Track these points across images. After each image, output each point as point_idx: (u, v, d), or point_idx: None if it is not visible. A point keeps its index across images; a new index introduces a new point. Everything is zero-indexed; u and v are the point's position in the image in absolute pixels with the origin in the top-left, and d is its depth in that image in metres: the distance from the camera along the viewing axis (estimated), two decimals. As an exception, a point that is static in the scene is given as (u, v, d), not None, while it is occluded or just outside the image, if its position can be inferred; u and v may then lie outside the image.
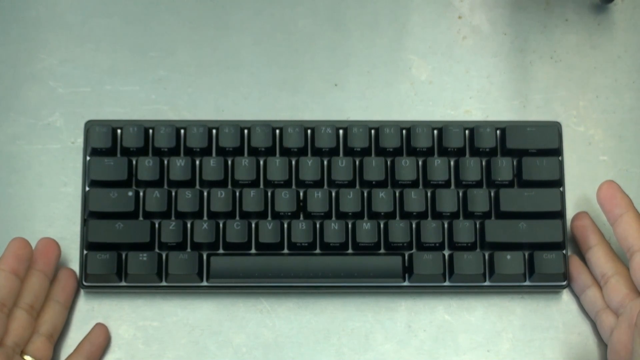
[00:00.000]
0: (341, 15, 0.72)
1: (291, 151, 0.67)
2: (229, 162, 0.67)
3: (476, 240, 0.66)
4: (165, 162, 0.66)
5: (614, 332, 0.63)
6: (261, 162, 0.67)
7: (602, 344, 0.66)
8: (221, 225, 0.65)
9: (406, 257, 0.66)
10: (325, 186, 0.67)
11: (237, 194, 0.66)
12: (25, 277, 0.63)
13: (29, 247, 0.63)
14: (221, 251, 0.66)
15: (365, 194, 0.66)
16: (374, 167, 0.66)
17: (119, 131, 0.67)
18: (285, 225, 0.66)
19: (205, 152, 0.67)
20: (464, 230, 0.65)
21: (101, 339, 0.65)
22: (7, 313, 0.60)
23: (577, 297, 0.67)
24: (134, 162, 0.66)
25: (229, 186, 0.66)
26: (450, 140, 0.67)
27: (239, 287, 0.66)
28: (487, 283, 0.66)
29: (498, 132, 0.68)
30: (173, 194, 0.66)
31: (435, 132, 0.67)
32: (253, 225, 0.66)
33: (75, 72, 0.70)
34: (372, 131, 0.67)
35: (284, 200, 0.65)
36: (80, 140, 0.69)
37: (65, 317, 0.65)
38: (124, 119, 0.69)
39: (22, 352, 0.62)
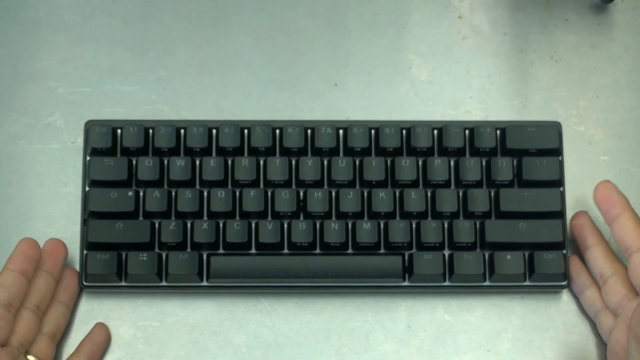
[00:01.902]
0: (341, 15, 0.72)
1: (291, 151, 0.67)
2: (229, 162, 0.67)
3: (476, 240, 0.66)
4: (165, 162, 0.66)
5: (613, 333, 0.63)
6: (261, 162, 0.67)
7: (602, 344, 0.66)
8: (221, 225, 0.65)
9: (406, 257, 0.66)
10: (325, 186, 0.67)
11: (237, 194, 0.66)
12: (33, 277, 0.63)
13: (37, 248, 0.63)
14: (221, 251, 0.66)
15: (365, 194, 0.66)
16: (374, 167, 0.66)
17: (119, 131, 0.67)
18: (285, 225, 0.66)
19: (205, 152, 0.67)
20: (464, 230, 0.65)
21: (102, 338, 0.65)
22: (14, 313, 0.61)
23: (577, 297, 0.67)
24: (134, 162, 0.66)
25: (229, 186, 0.66)
26: (450, 140, 0.67)
27: (239, 287, 0.66)
28: (487, 283, 0.66)
29: (498, 132, 0.68)
30: (173, 194, 0.66)
31: (435, 132, 0.67)
32: (253, 225, 0.66)
33: (75, 72, 0.70)
34: (372, 131, 0.67)
35: (284, 200, 0.65)
36: (80, 140, 0.69)
37: (68, 317, 0.65)
38: (124, 119, 0.69)
39: (26, 352, 0.62)
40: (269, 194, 0.66)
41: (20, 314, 0.61)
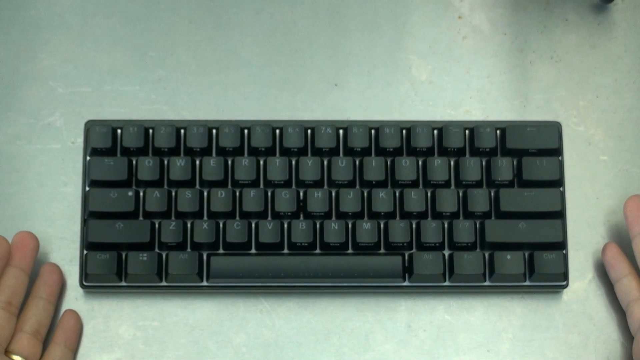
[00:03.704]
0: (341, 15, 0.72)
1: (291, 151, 0.67)
2: (229, 162, 0.67)
3: (476, 240, 0.66)
4: (165, 162, 0.66)
5: None
6: (261, 162, 0.67)
7: (602, 344, 0.66)
8: (221, 225, 0.65)
9: (406, 257, 0.66)
10: (325, 186, 0.67)
11: (237, 194, 0.66)
12: (0, 274, 0.62)
13: (4, 245, 0.62)
14: (221, 251, 0.66)
15: (365, 194, 0.66)
16: (374, 167, 0.66)
17: (119, 131, 0.67)
18: (285, 225, 0.66)
19: (205, 152, 0.67)
20: (464, 230, 0.65)
21: (72, 323, 0.65)
22: None
23: (577, 298, 0.67)
24: (134, 162, 0.66)
25: (229, 186, 0.66)
26: (450, 140, 0.67)
27: (239, 287, 0.66)
28: (487, 283, 0.66)
29: (498, 132, 0.68)
30: (173, 194, 0.66)
31: (435, 132, 0.67)
32: (253, 225, 0.66)
33: (75, 72, 0.70)
34: (372, 131, 0.67)
35: (284, 200, 0.65)
36: (80, 140, 0.69)
37: (51, 313, 0.65)
38: (124, 119, 0.69)
39: (8, 351, 0.61)
40: (269, 194, 0.66)
41: None
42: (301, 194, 0.66)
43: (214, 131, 0.67)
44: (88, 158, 0.66)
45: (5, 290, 0.62)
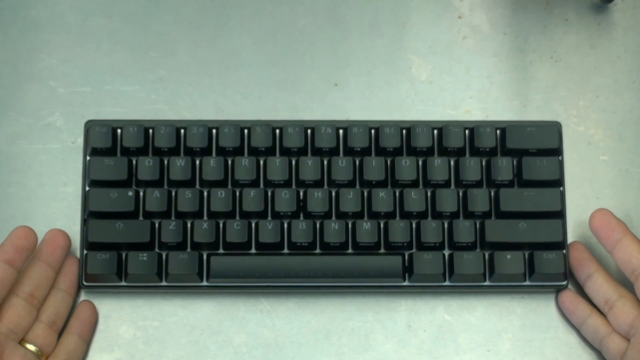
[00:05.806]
0: (341, 15, 0.72)
1: (291, 151, 0.67)
2: (229, 162, 0.67)
3: (476, 240, 0.66)
4: (165, 162, 0.66)
5: (627, 354, 0.62)
6: (261, 162, 0.67)
7: (602, 344, 0.66)
8: (221, 225, 0.65)
9: (406, 257, 0.66)
10: (325, 186, 0.67)
11: (237, 193, 0.66)
12: (27, 266, 0.62)
13: (31, 237, 0.62)
14: (221, 251, 0.66)
15: (365, 194, 0.66)
16: (374, 167, 0.66)
17: (119, 131, 0.67)
18: (285, 225, 0.66)
19: (205, 152, 0.67)
20: (464, 230, 0.65)
21: (87, 314, 0.65)
22: None
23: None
24: (134, 162, 0.66)
25: (229, 186, 0.66)
26: (450, 140, 0.67)
27: (239, 287, 0.66)
28: (487, 283, 0.66)
29: (498, 132, 0.68)
30: (173, 193, 0.66)
31: (435, 132, 0.67)
32: (253, 225, 0.66)
33: (75, 72, 0.70)
34: (372, 131, 0.67)
35: (284, 200, 0.65)
36: (80, 140, 0.69)
37: (69, 304, 0.65)
38: (124, 118, 0.69)
39: (23, 340, 0.61)
40: (269, 194, 0.66)
41: (9, 301, 0.61)
42: (301, 193, 0.66)
43: (214, 131, 0.67)
44: (88, 158, 0.66)
45: (29, 282, 0.62)
